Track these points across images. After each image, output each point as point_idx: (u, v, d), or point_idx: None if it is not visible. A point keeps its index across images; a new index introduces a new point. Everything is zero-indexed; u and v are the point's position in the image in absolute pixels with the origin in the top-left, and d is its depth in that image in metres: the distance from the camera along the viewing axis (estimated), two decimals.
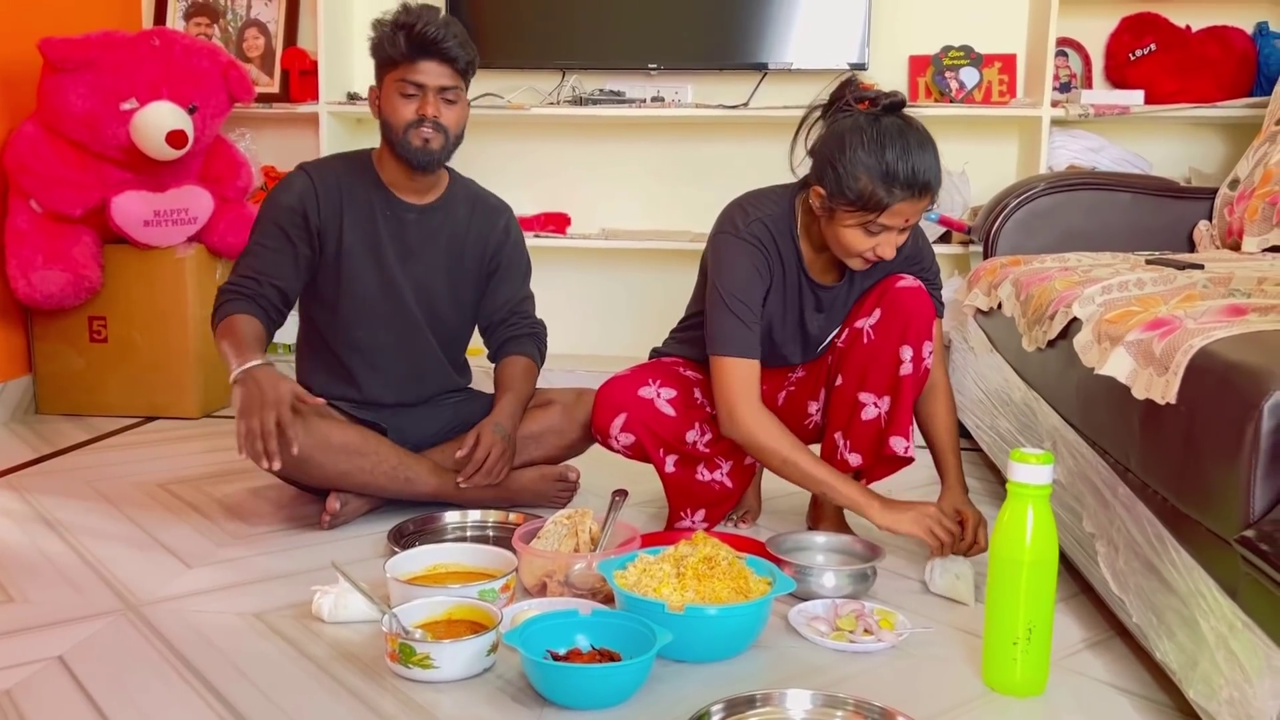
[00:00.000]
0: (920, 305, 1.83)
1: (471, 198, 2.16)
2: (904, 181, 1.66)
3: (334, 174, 2.07)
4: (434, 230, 2.10)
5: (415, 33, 1.92)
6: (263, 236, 2.04)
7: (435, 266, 2.11)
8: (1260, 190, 2.33)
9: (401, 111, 1.97)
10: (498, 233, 2.17)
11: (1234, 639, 1.13)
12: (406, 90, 1.96)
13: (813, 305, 1.90)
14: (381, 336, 2.10)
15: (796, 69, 3.19)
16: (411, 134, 1.97)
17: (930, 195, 1.70)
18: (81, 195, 2.76)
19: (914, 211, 1.71)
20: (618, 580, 1.51)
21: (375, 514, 2.07)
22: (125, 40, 2.77)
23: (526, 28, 3.26)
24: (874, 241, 1.73)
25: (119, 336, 2.90)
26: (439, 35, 1.93)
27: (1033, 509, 1.36)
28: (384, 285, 2.08)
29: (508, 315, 2.19)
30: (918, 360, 1.83)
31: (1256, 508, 1.12)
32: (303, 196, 2.03)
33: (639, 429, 1.94)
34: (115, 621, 1.58)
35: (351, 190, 2.06)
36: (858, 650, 1.51)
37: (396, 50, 1.94)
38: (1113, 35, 3.17)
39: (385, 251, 2.07)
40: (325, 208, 2.04)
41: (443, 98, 1.98)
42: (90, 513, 2.10)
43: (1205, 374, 1.25)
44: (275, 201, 2.05)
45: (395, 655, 1.40)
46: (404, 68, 1.95)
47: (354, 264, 2.06)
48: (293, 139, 3.46)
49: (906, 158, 1.66)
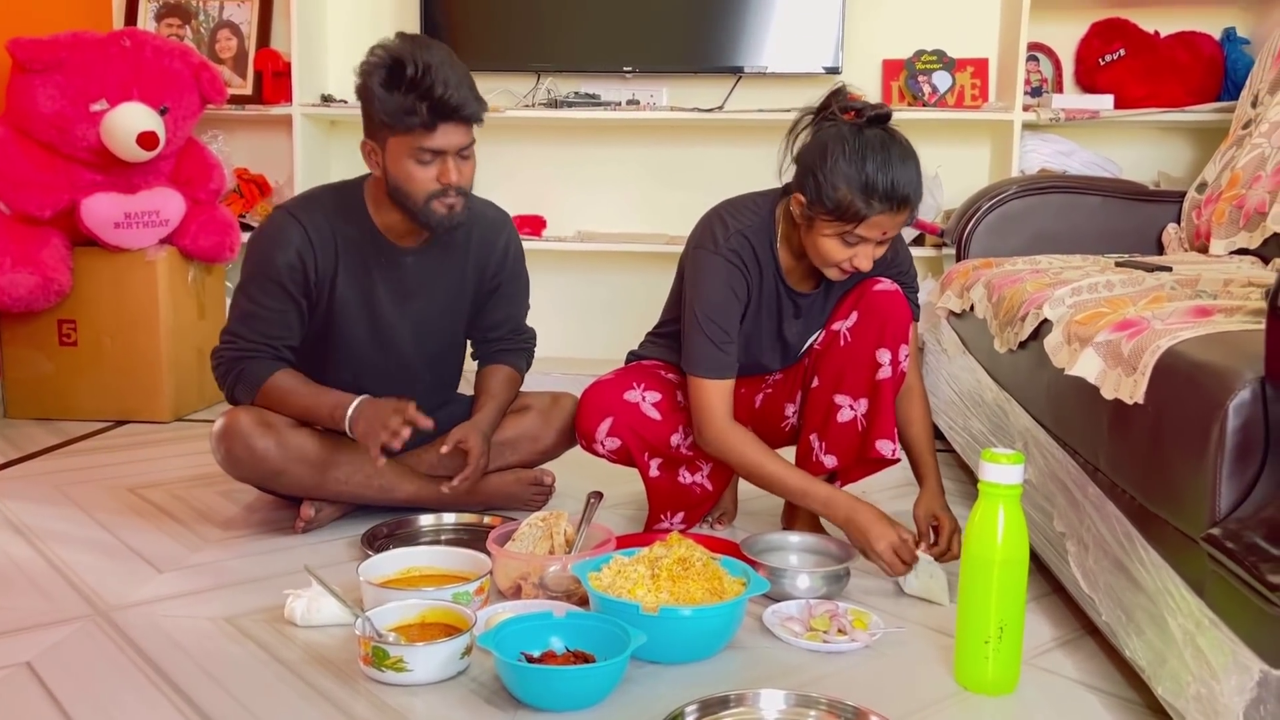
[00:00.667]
0: (897, 308, 1.84)
1: (469, 217, 1.97)
2: (882, 194, 1.66)
3: (326, 221, 1.92)
4: (433, 267, 2.01)
5: (436, 100, 1.74)
6: (263, 296, 1.91)
7: (434, 300, 2.04)
8: (1227, 194, 2.36)
9: (420, 180, 1.82)
10: (498, 253, 2.08)
11: (1201, 636, 1.14)
12: (423, 158, 1.80)
13: (791, 313, 1.91)
14: (370, 381, 2.01)
15: (771, 73, 3.20)
16: (436, 204, 1.84)
17: (909, 209, 1.70)
18: (50, 197, 2.73)
19: (892, 224, 1.71)
20: (592, 582, 1.51)
21: (349, 518, 2.06)
22: (95, 41, 2.75)
23: (501, 30, 3.26)
24: (851, 252, 1.73)
25: (89, 340, 2.87)
26: (461, 100, 1.76)
27: (1004, 509, 1.38)
28: (376, 333, 2.00)
29: (508, 333, 2.15)
30: (894, 363, 1.84)
31: (1222, 506, 1.14)
32: (300, 251, 1.89)
33: (625, 433, 1.93)
34: (84, 627, 1.56)
35: (346, 240, 1.93)
36: (831, 650, 1.52)
37: (415, 119, 1.75)
38: (1083, 40, 3.21)
39: (379, 299, 1.97)
40: (322, 261, 1.91)
41: (459, 156, 1.84)
42: (59, 518, 2.07)
43: (1172, 374, 1.26)
44: (270, 258, 1.90)
45: (368, 659, 1.40)
46: (420, 134, 1.77)
47: (347, 314, 1.96)
48: (266, 141, 3.45)
49: (887, 170, 1.66)
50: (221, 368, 1.95)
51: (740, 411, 1.93)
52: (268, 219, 1.98)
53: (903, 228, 1.76)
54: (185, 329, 2.96)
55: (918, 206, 1.73)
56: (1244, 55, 3.06)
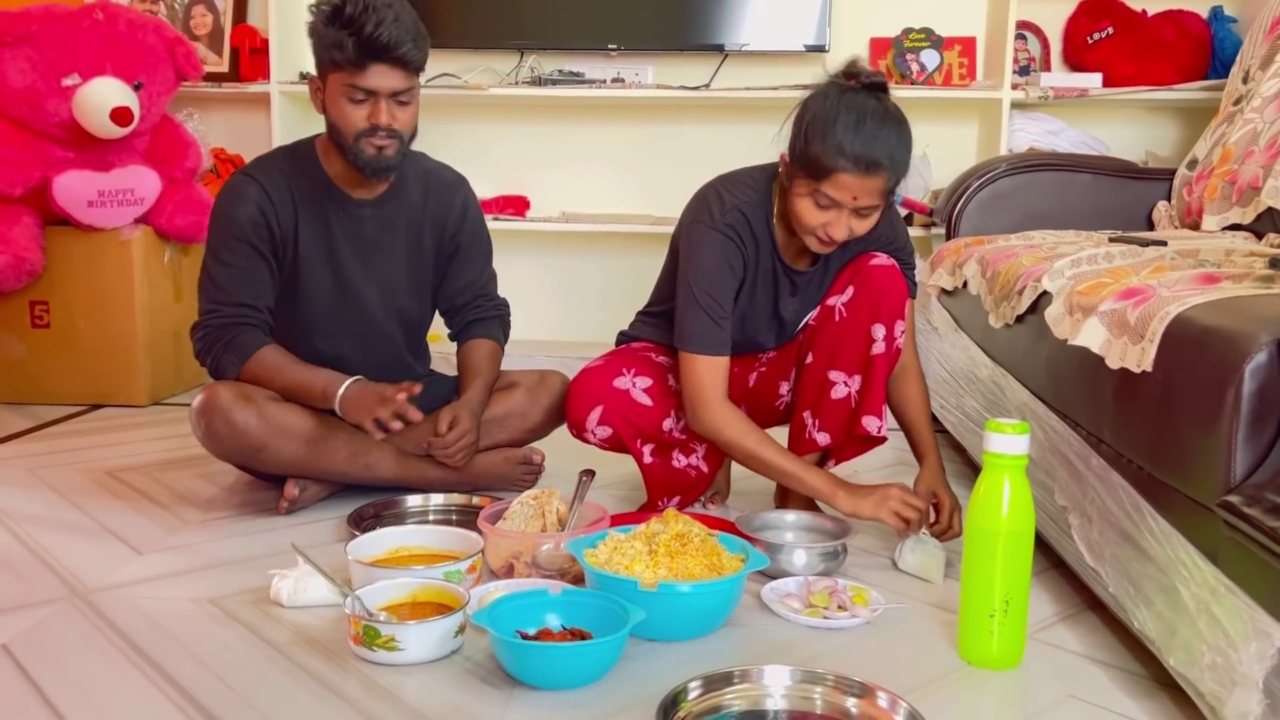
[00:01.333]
0: (893, 284, 1.81)
1: (424, 175, 2.03)
2: (850, 153, 1.61)
3: (282, 177, 1.91)
4: (390, 221, 2.00)
5: (366, 37, 1.73)
6: (231, 256, 1.88)
7: (396, 258, 2.02)
8: (1219, 169, 2.34)
9: (351, 118, 1.81)
10: (455, 213, 2.06)
11: (1216, 604, 1.12)
12: (355, 96, 1.79)
13: (788, 290, 1.87)
14: (342, 343, 2.00)
15: (758, 50, 3.17)
16: (364, 142, 1.82)
17: (881, 174, 1.64)
18: (21, 174, 2.66)
19: (862, 189, 1.65)
20: (588, 559, 1.48)
21: (334, 499, 2.01)
22: (67, 14, 2.68)
23: (484, 7, 3.21)
24: (824, 217, 1.69)
25: (62, 322, 2.80)
26: (392, 39, 1.74)
27: (1009, 480, 1.35)
28: (342, 290, 1.98)
29: (472, 299, 2.12)
30: (889, 339, 1.81)
31: (1238, 472, 1.11)
32: (260, 206, 1.88)
33: (616, 421, 1.89)
34: (62, 609, 1.51)
35: (302, 194, 1.92)
36: (832, 626, 1.49)
37: (343, 54, 1.75)
38: (1071, 19, 3.19)
39: (342, 255, 1.96)
40: (283, 216, 1.90)
41: (395, 100, 1.81)
42: (34, 501, 2.02)
43: (1182, 340, 1.24)
44: (232, 216, 1.88)
45: (359, 638, 1.35)
46: (352, 72, 1.76)
47: (311, 272, 1.94)
48: (243, 120, 3.38)
49: (859, 130, 1.62)
50: (206, 339, 1.91)
51: (735, 390, 1.90)
52: (222, 189, 1.95)
53: (880, 198, 1.68)
54: (161, 310, 2.90)
55: (895, 176, 1.66)
56: (1231, 34, 3.05)
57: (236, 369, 1.89)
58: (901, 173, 1.68)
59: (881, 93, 1.69)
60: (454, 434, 1.92)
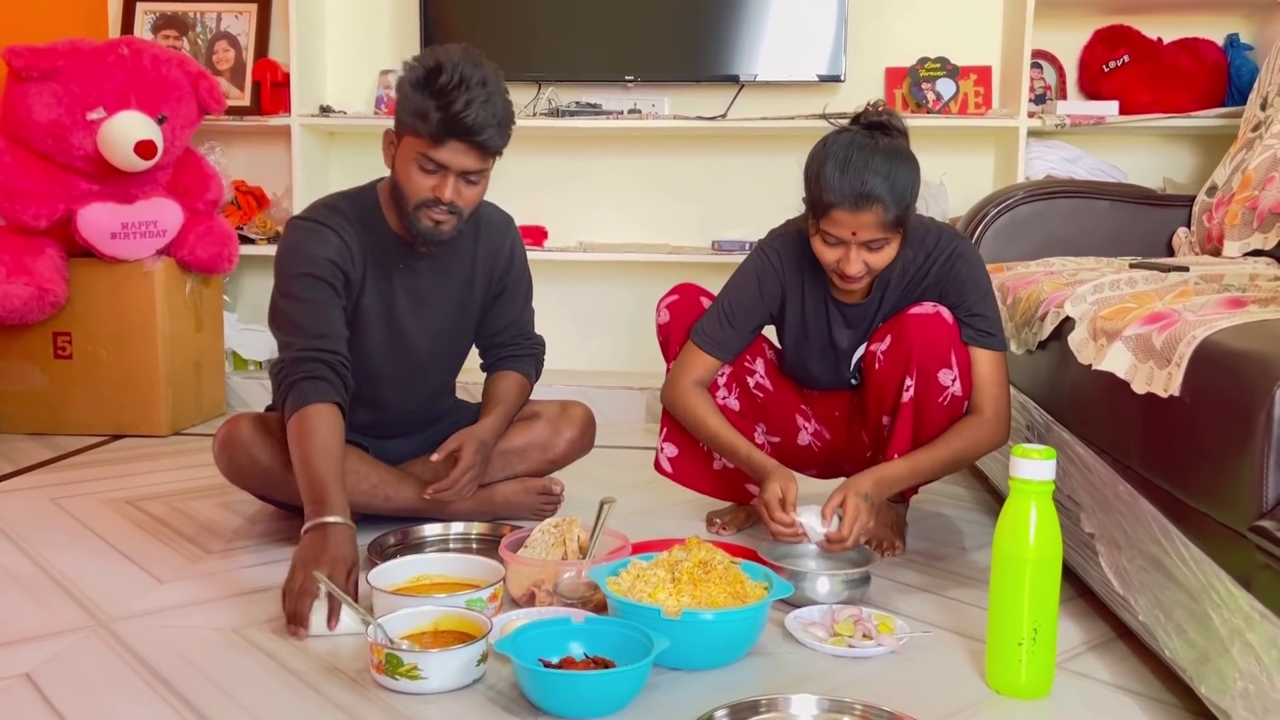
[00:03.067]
0: (929, 333, 1.77)
1: (475, 219, 1.97)
2: (839, 190, 1.67)
3: (353, 228, 1.86)
4: (446, 271, 1.97)
5: (452, 114, 1.68)
6: (310, 292, 1.79)
7: (448, 307, 2.00)
8: (1240, 195, 2.34)
9: (418, 185, 1.76)
10: (504, 256, 2.05)
11: (1250, 631, 1.11)
12: (426, 166, 1.74)
13: (840, 322, 1.91)
14: (385, 389, 1.99)
15: (773, 81, 3.18)
16: (423, 214, 1.78)
17: (872, 207, 1.66)
18: (46, 207, 2.69)
19: (857, 224, 1.68)
20: (611, 587, 1.47)
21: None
22: (92, 49, 2.72)
23: (502, 39, 3.24)
24: (835, 254, 1.74)
25: (84, 353, 2.82)
26: (477, 123, 1.69)
27: (1036, 506, 1.34)
28: (394, 342, 1.95)
29: (512, 338, 2.12)
30: (926, 386, 1.78)
31: (1270, 496, 1.10)
32: (340, 251, 1.83)
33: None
34: (85, 638, 1.51)
35: (369, 245, 1.88)
36: (857, 655, 1.47)
37: (425, 125, 1.70)
38: (1086, 47, 3.19)
39: (399, 309, 1.93)
40: (355, 266, 1.85)
41: (465, 179, 1.77)
42: (55, 530, 2.02)
43: (1210, 364, 1.23)
44: (309, 254, 1.81)
45: (381, 666, 1.35)
46: (428, 143, 1.72)
47: (367, 323, 1.91)
48: (264, 153, 3.41)
49: (847, 167, 1.67)
50: (282, 372, 1.78)
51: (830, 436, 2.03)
52: (291, 229, 1.87)
53: (882, 230, 1.68)
54: (182, 341, 2.92)
55: (893, 208, 1.67)
56: (1248, 61, 3.05)
57: (291, 413, 1.74)
58: (902, 203, 1.69)
59: (879, 131, 1.72)
60: (457, 471, 1.90)
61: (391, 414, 2.03)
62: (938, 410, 1.79)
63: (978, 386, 1.81)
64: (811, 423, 2.04)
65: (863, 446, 1.95)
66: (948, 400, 1.79)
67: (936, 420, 1.80)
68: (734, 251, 3.13)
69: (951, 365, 1.78)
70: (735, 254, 3.10)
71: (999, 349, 1.83)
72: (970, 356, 1.81)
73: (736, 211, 3.30)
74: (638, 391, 3.14)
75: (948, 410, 1.79)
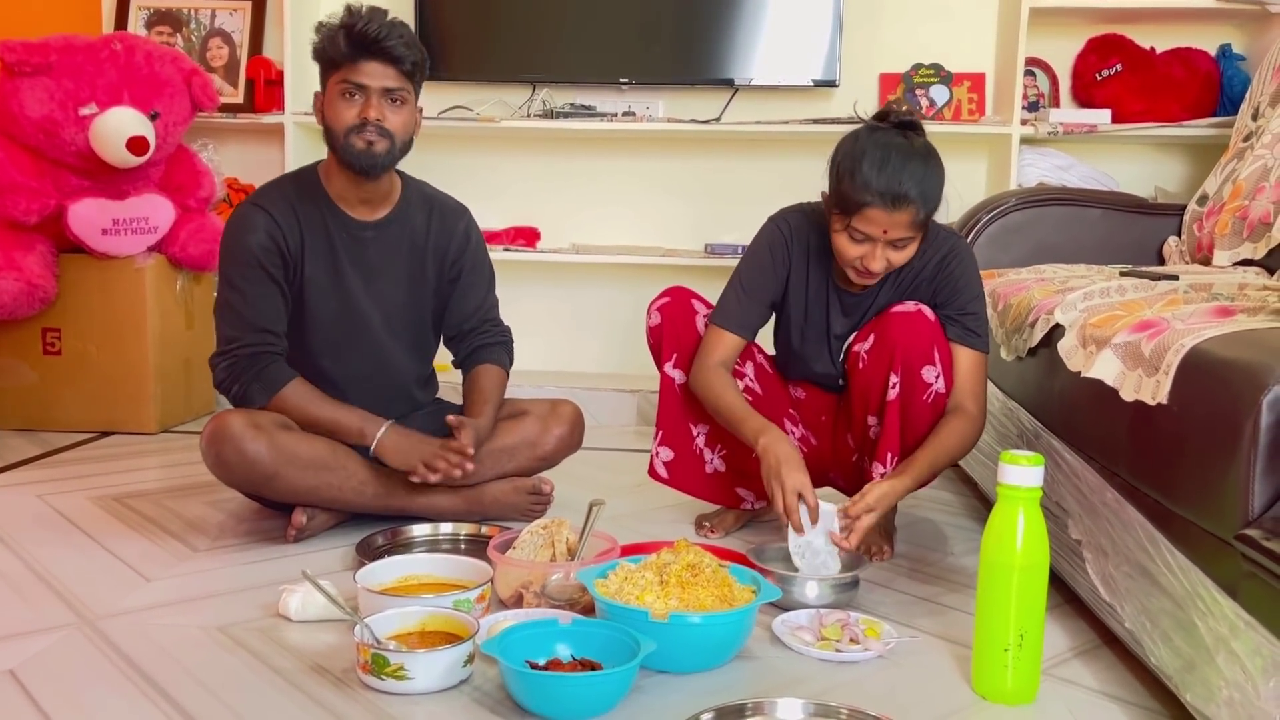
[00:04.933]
0: (911, 331, 1.79)
1: (427, 202, 2.08)
2: (876, 188, 1.68)
3: (286, 203, 1.96)
4: (393, 245, 2.03)
5: (356, 31, 1.84)
6: (245, 284, 1.92)
7: (398, 282, 2.05)
8: (1230, 205, 2.35)
9: (343, 114, 1.88)
10: (458, 238, 2.10)
11: (1235, 639, 1.11)
12: (348, 91, 1.88)
13: (839, 309, 1.94)
14: (349, 365, 2.03)
15: (768, 85, 3.19)
16: (353, 137, 1.88)
17: (908, 208, 1.70)
18: (37, 202, 2.68)
19: (891, 223, 1.71)
20: (599, 589, 1.47)
21: (342, 527, 2.01)
22: (85, 44, 2.71)
23: (497, 40, 3.24)
24: (859, 250, 1.75)
25: (73, 349, 2.81)
26: (382, 33, 1.85)
27: (1024, 512, 1.34)
28: (348, 313, 2.01)
29: (478, 323, 2.14)
30: (911, 384, 1.79)
31: (1256, 505, 1.11)
32: (269, 232, 1.93)
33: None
34: (69, 635, 1.51)
35: (307, 217, 1.97)
36: (844, 660, 1.47)
37: (337, 50, 1.86)
38: (1079, 56, 3.20)
39: (346, 278, 1.99)
40: (290, 240, 1.95)
41: (387, 99, 1.89)
42: (42, 527, 2.01)
43: (1198, 372, 1.24)
44: (244, 244, 1.93)
45: (367, 666, 1.34)
46: (345, 68, 1.86)
47: (316, 294, 1.98)
48: (257, 150, 3.40)
49: (885, 166, 1.69)
50: (233, 369, 1.93)
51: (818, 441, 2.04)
52: (230, 215, 2.00)
53: (911, 229, 1.73)
54: (173, 338, 2.91)
55: (925, 209, 1.72)
56: (1240, 71, 3.06)
57: (265, 400, 1.92)
58: (932, 205, 1.73)
59: (911, 130, 1.75)
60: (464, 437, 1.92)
61: (364, 396, 2.02)
62: (923, 408, 1.80)
63: (961, 384, 1.83)
64: (799, 428, 2.04)
65: (848, 451, 1.96)
66: (932, 397, 1.80)
67: (922, 418, 1.81)
68: (727, 255, 3.14)
69: (935, 361, 1.80)
70: (729, 258, 3.10)
71: (983, 350, 1.86)
72: (953, 354, 1.83)
73: (730, 215, 3.31)
74: (629, 394, 3.14)
75: (932, 408, 1.81)
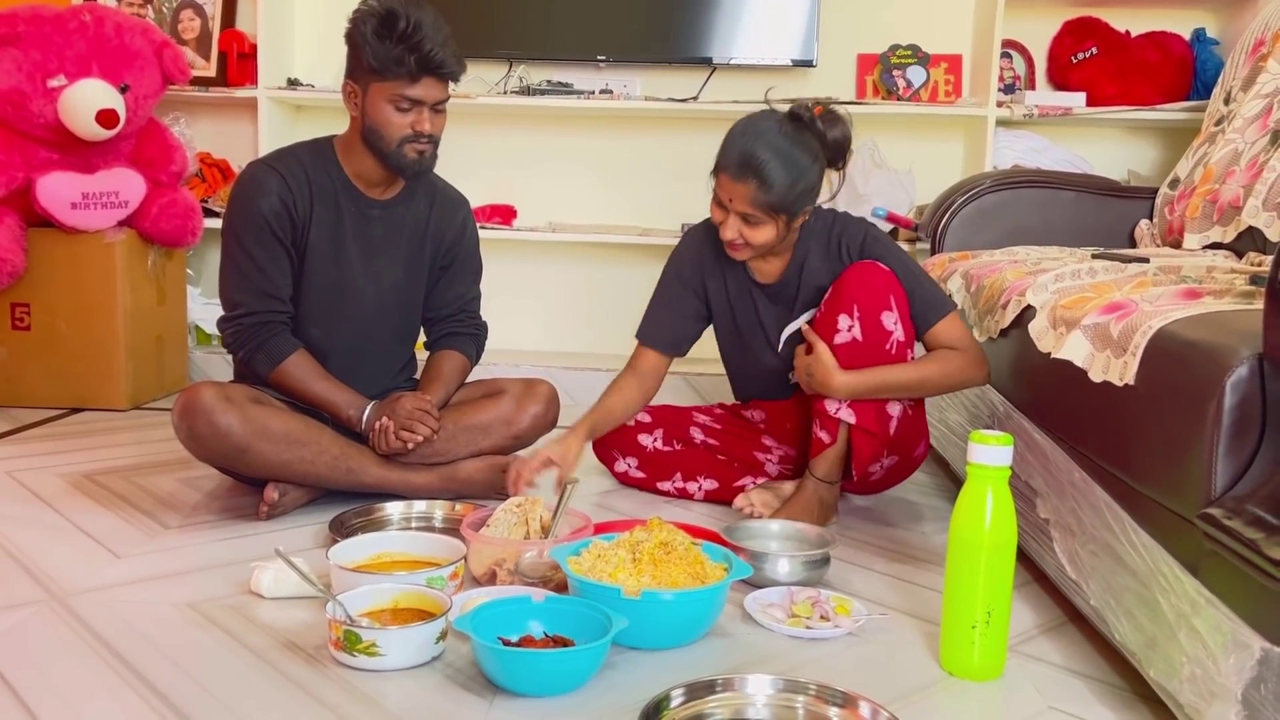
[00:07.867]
0: (865, 279, 1.86)
1: (431, 188, 2.12)
2: (728, 154, 1.83)
3: (301, 169, 1.98)
4: (397, 226, 2.06)
5: (425, 54, 1.85)
6: (255, 247, 1.94)
7: (396, 262, 2.08)
8: (1201, 189, 2.37)
9: (396, 125, 1.91)
10: (455, 227, 2.14)
11: (1196, 616, 1.13)
12: (402, 105, 1.90)
13: (765, 300, 2.02)
14: (339, 334, 2.05)
15: (745, 64, 3.18)
16: (408, 148, 1.93)
17: (747, 182, 1.80)
18: (4, 175, 2.65)
19: (734, 192, 1.82)
20: (571, 566, 1.47)
21: (315, 504, 2.00)
22: (54, 15, 2.67)
23: (474, 16, 3.21)
24: (719, 215, 1.89)
25: (43, 324, 2.78)
26: (444, 59, 1.88)
27: (992, 491, 1.35)
28: (344, 284, 2.03)
29: (456, 312, 2.17)
30: (870, 329, 1.84)
31: (1218, 484, 1.12)
32: (281, 196, 1.94)
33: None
34: (38, 612, 1.50)
35: (319, 185, 1.99)
36: (815, 636, 1.49)
37: (402, 68, 1.86)
38: (1055, 39, 3.22)
39: (349, 250, 2.02)
40: (300, 206, 1.96)
41: (434, 109, 1.94)
42: (11, 503, 2.00)
43: (1164, 354, 1.25)
44: (256, 207, 1.93)
45: (339, 643, 1.35)
46: (402, 83, 1.88)
47: (317, 263, 2.00)
48: (230, 125, 3.37)
49: (740, 139, 1.82)
50: (240, 335, 1.96)
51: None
52: (241, 175, 2.00)
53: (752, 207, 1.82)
54: (143, 314, 2.88)
55: (765, 192, 1.80)
56: (1213, 55, 3.09)
57: (267, 371, 1.97)
58: (776, 192, 1.80)
59: (796, 122, 1.83)
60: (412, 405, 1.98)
61: (344, 370, 2.03)
62: (885, 358, 1.85)
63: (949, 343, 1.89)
64: (774, 451, 2.13)
65: (821, 445, 1.97)
66: (894, 347, 1.85)
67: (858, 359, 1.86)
68: None
69: (892, 308, 1.85)
70: None
71: (951, 309, 1.93)
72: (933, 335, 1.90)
73: (706, 194, 3.28)
74: (605, 373, 3.12)
75: (895, 359, 1.86)
